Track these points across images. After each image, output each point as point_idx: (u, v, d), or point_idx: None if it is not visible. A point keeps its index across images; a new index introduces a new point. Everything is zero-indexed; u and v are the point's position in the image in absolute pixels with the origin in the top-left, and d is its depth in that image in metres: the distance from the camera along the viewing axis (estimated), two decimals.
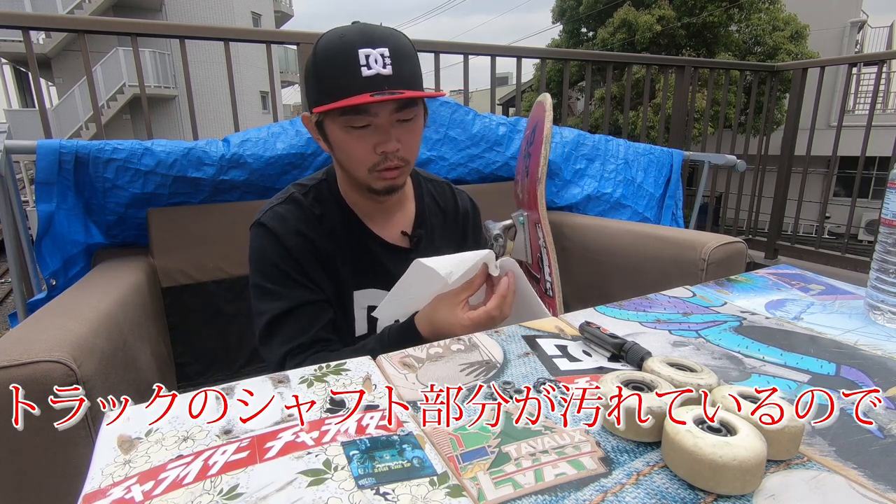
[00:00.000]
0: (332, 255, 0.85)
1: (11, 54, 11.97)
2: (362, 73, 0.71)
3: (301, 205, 0.85)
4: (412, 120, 0.78)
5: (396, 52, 0.73)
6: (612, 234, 1.45)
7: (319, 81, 0.75)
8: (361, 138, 0.76)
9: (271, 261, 0.81)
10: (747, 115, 2.92)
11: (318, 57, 0.74)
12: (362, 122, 0.74)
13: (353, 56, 0.71)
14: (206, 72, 10.10)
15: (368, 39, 0.72)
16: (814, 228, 6.95)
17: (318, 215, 0.85)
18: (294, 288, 0.81)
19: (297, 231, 0.82)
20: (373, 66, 0.71)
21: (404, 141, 0.77)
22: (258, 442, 0.40)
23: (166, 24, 1.72)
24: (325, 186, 0.88)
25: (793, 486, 0.35)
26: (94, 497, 0.35)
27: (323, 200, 0.87)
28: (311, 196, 0.86)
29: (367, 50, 0.71)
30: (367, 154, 0.77)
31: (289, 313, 0.80)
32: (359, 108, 0.72)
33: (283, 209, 0.84)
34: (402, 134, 0.77)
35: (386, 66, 0.71)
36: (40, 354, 0.63)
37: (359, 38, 0.72)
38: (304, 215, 0.84)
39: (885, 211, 0.62)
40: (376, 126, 0.75)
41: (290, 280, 0.81)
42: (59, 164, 1.15)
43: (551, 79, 9.23)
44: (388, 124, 0.75)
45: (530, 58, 2.19)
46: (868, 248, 7.21)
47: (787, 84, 4.19)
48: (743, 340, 0.59)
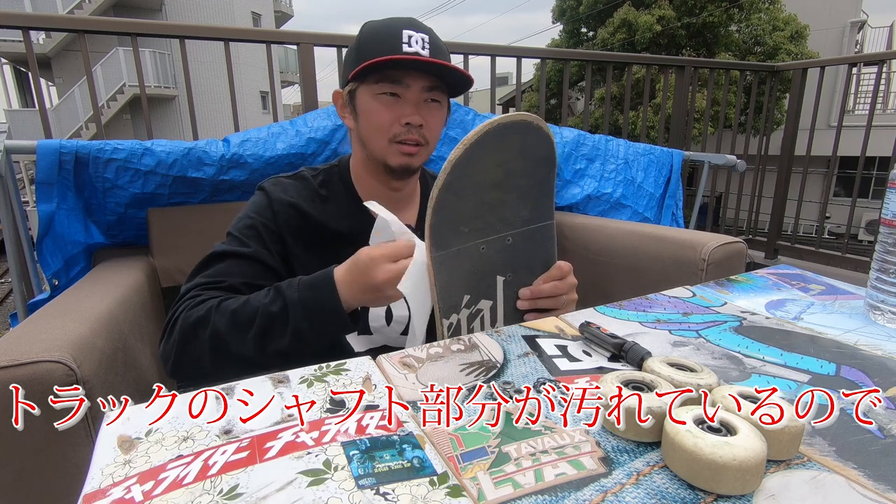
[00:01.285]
0: (330, 237, 0.84)
1: (11, 54, 11.97)
2: (403, 48, 0.76)
3: (308, 182, 0.88)
4: (439, 103, 0.83)
5: (435, 43, 0.79)
6: (612, 234, 1.44)
7: (360, 52, 0.78)
8: (389, 107, 0.79)
9: (250, 215, 0.83)
10: (747, 115, 2.91)
11: (362, 35, 0.80)
12: (394, 89, 0.79)
13: (397, 33, 0.76)
14: (206, 72, 10.10)
15: (413, 25, 0.78)
16: (814, 228, 6.95)
17: (323, 196, 0.87)
18: (256, 244, 0.79)
19: (293, 204, 0.83)
20: (413, 45, 0.76)
21: (428, 120, 0.81)
22: (258, 442, 0.40)
23: (166, 24, 1.72)
24: (335, 171, 0.91)
25: (793, 486, 0.35)
26: (94, 497, 0.35)
27: (331, 185, 0.89)
28: (320, 178, 0.89)
29: (410, 32, 0.76)
30: (392, 123, 0.80)
31: (233, 256, 0.78)
32: (393, 76, 0.77)
33: (287, 181, 0.87)
34: (427, 113, 0.81)
35: (425, 48, 0.77)
36: (40, 354, 0.63)
37: (404, 22, 0.78)
38: (308, 192, 0.86)
39: (885, 211, 0.62)
40: (406, 98, 0.79)
41: (258, 236, 0.80)
42: (60, 164, 1.15)
43: (551, 79, 9.23)
44: (417, 99, 0.80)
45: (530, 58, 2.19)
46: (868, 248, 7.21)
47: (787, 84, 4.18)
48: (743, 340, 0.59)
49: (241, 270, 0.77)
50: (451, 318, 0.67)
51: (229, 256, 0.78)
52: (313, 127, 1.39)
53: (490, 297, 0.70)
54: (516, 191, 0.69)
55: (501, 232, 0.69)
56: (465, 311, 0.68)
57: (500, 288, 0.71)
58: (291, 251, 0.82)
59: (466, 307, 0.68)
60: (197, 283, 0.75)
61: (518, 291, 0.72)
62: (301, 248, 0.83)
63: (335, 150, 1.41)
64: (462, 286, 0.67)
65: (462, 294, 0.68)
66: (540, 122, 0.67)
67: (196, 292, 0.74)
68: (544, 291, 0.71)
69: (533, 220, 0.72)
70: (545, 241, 0.74)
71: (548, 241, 0.74)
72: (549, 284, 0.72)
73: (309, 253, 0.83)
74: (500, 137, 0.64)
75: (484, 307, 0.70)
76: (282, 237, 0.82)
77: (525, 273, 0.73)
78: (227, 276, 0.76)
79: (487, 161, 0.65)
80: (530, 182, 0.70)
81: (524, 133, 0.67)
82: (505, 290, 0.71)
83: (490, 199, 0.67)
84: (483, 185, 0.66)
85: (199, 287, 0.75)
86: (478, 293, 0.69)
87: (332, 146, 1.41)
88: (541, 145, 0.69)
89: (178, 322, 0.71)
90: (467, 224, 0.66)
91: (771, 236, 2.79)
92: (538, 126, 0.67)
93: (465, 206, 0.65)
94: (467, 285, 0.68)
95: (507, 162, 0.66)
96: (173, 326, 0.71)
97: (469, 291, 0.68)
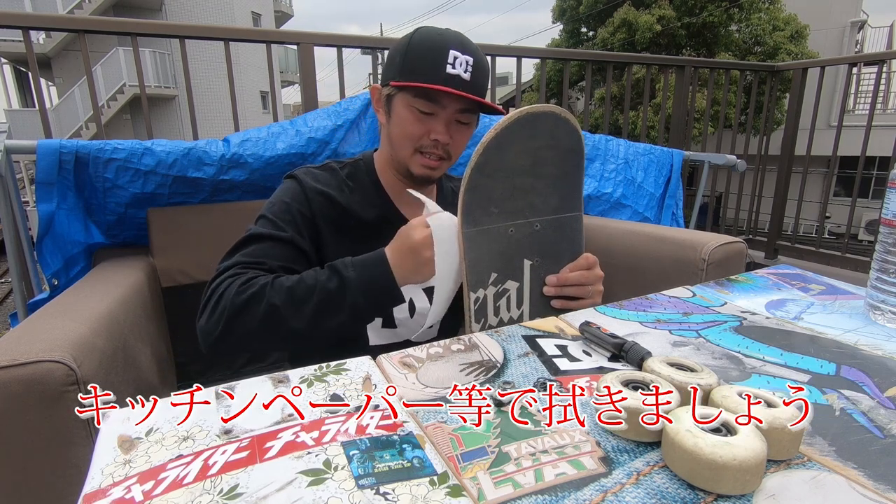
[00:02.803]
0: (357, 226, 0.88)
1: (11, 54, 11.97)
2: (446, 69, 0.79)
3: (336, 173, 0.91)
4: (468, 125, 0.87)
5: (479, 65, 0.82)
6: (612, 234, 1.44)
7: (406, 60, 0.81)
8: (421, 121, 0.83)
9: (285, 200, 0.85)
10: (747, 115, 2.91)
11: (413, 40, 0.82)
12: (430, 109, 0.82)
13: (444, 52, 0.79)
14: (206, 72, 10.10)
15: (462, 45, 0.81)
16: (814, 228, 6.95)
17: (351, 186, 0.91)
18: (291, 229, 0.82)
19: (323, 192, 0.87)
20: (457, 68, 0.79)
21: (456, 138, 0.86)
22: (258, 442, 0.40)
23: (166, 24, 1.72)
24: (361, 165, 0.94)
25: (793, 486, 0.35)
26: (94, 497, 0.35)
27: (357, 178, 0.92)
28: (346, 170, 0.92)
29: (456, 53, 0.79)
30: (422, 136, 0.84)
31: (270, 238, 0.80)
32: (431, 94, 0.80)
33: (317, 171, 0.90)
34: (456, 132, 0.85)
35: (467, 71, 0.80)
36: (40, 354, 0.63)
37: (454, 41, 0.80)
38: (336, 182, 0.90)
39: (885, 211, 0.62)
40: (438, 116, 0.83)
41: (293, 221, 0.83)
42: (60, 163, 1.15)
43: (551, 79, 9.23)
44: (449, 119, 0.83)
45: (530, 58, 2.19)
46: (868, 248, 7.20)
47: (787, 84, 4.19)
48: (743, 340, 0.59)
49: (279, 253, 0.80)
50: (478, 293, 0.71)
51: (267, 239, 0.80)
52: (313, 127, 1.39)
53: (517, 278, 0.74)
54: (545, 179, 0.73)
55: (530, 217, 0.73)
56: (492, 289, 0.72)
57: (527, 271, 0.75)
58: (323, 237, 0.86)
59: (493, 285, 0.72)
60: (237, 261, 0.77)
61: (545, 278, 0.76)
62: (331, 235, 0.86)
63: (335, 149, 1.41)
64: (489, 264, 0.72)
65: (489, 271, 0.72)
66: (567, 115, 0.71)
67: (238, 269, 0.76)
68: (570, 279, 0.75)
69: (562, 209, 0.76)
70: (573, 232, 0.78)
71: (576, 232, 0.78)
72: (576, 273, 0.76)
73: (338, 240, 0.86)
74: (530, 126, 0.69)
75: (511, 288, 0.74)
76: (315, 223, 0.85)
77: (552, 261, 0.76)
78: (267, 258, 0.78)
79: (517, 146, 0.69)
80: (558, 172, 0.74)
81: (553, 124, 0.71)
82: (532, 275, 0.75)
83: (520, 184, 0.71)
84: (513, 170, 0.70)
85: (240, 265, 0.76)
86: (505, 273, 0.73)
87: (332, 146, 1.41)
88: (569, 137, 0.73)
89: (225, 297, 0.72)
90: (497, 205, 0.70)
91: (771, 236, 2.79)
92: (566, 118, 0.71)
93: (496, 188, 0.70)
94: (495, 264, 0.72)
95: (536, 150, 0.71)
96: (217, 301, 0.72)
97: (496, 270, 0.72)
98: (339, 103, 1.47)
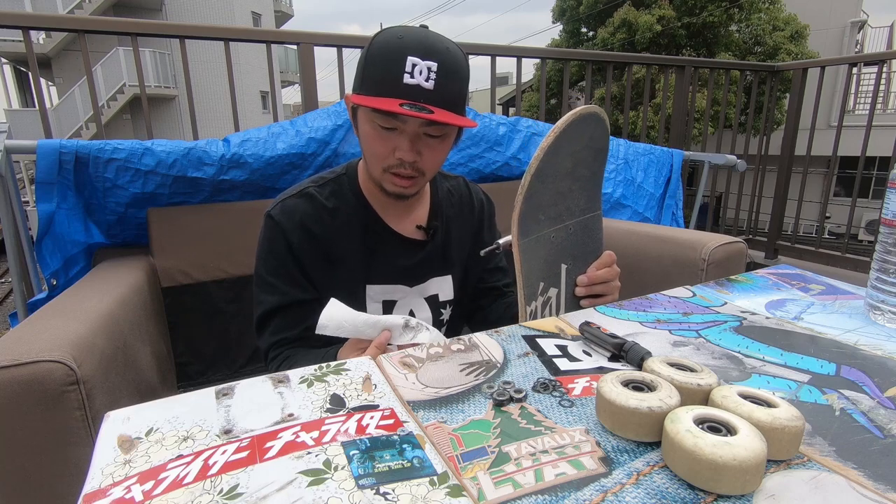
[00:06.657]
0: (342, 249, 0.87)
1: (11, 54, 11.97)
2: (404, 79, 0.71)
3: (313, 199, 0.86)
4: (440, 137, 0.78)
5: (445, 69, 0.72)
6: (612, 234, 1.44)
7: (364, 72, 0.75)
8: (384, 139, 0.77)
9: (274, 254, 0.85)
10: (747, 115, 2.92)
11: (371, 48, 0.75)
12: (390, 124, 0.75)
13: (401, 60, 0.71)
14: (206, 72, 10.09)
15: (423, 49, 0.71)
16: (814, 228, 6.95)
17: (331, 209, 0.87)
18: (290, 285, 0.85)
19: (303, 225, 0.85)
20: (416, 77, 0.71)
21: (425, 154, 0.78)
22: (258, 442, 0.40)
23: (166, 24, 1.72)
24: (344, 180, 0.90)
25: (793, 486, 0.35)
26: (94, 497, 0.35)
27: (340, 194, 0.88)
28: (327, 189, 0.88)
29: (415, 59, 0.70)
30: (386, 154, 0.78)
31: (281, 310, 0.85)
32: (386, 112, 0.73)
33: (292, 203, 0.86)
34: (425, 147, 0.78)
35: (429, 79, 0.71)
36: (40, 354, 0.63)
37: (414, 45, 0.71)
38: (314, 210, 0.86)
39: (885, 211, 0.62)
40: (402, 132, 0.76)
41: (288, 276, 0.85)
42: (60, 163, 1.15)
43: (551, 79, 9.23)
44: (414, 135, 0.76)
45: (530, 58, 2.19)
46: (868, 248, 7.20)
47: (787, 84, 4.19)
48: (743, 340, 0.59)
49: (291, 319, 0.85)
50: (532, 306, 0.69)
51: (278, 312, 0.85)
52: (313, 127, 1.39)
53: (556, 284, 0.72)
54: (580, 181, 0.72)
55: (566, 221, 0.72)
56: (541, 299, 0.70)
57: (563, 276, 0.73)
58: (308, 270, 0.86)
59: (541, 294, 0.70)
60: (270, 343, 0.85)
61: (576, 279, 0.74)
62: (314, 263, 0.86)
63: (335, 149, 1.41)
64: (538, 274, 0.69)
65: (538, 282, 0.69)
66: (604, 115, 0.71)
67: (274, 352, 0.85)
68: (600, 277, 0.74)
69: (588, 209, 0.74)
70: (597, 231, 0.77)
71: (598, 230, 0.77)
72: (604, 270, 0.75)
73: (321, 266, 0.87)
74: (578, 128, 0.67)
75: (552, 295, 0.72)
76: (301, 262, 0.85)
77: (581, 262, 0.75)
78: (288, 330, 0.85)
79: (566, 150, 0.67)
80: (588, 173, 0.72)
81: (594, 124, 0.69)
82: (567, 278, 0.73)
83: (562, 187, 0.69)
84: (559, 174, 0.68)
85: (274, 346, 0.85)
86: (548, 281, 0.71)
87: (332, 146, 1.41)
88: (602, 136, 0.72)
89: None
90: (544, 212, 0.68)
91: (771, 236, 2.79)
92: (603, 118, 0.70)
93: (546, 194, 0.68)
94: (542, 273, 0.70)
95: (577, 152, 0.69)
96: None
97: (543, 279, 0.70)
98: (339, 103, 1.47)
